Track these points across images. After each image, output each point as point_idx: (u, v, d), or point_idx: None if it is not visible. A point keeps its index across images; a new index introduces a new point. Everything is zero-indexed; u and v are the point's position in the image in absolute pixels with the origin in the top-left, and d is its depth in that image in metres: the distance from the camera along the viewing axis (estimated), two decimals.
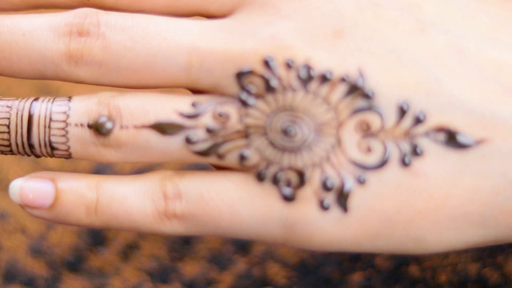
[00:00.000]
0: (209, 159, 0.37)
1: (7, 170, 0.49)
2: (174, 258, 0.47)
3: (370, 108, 0.36)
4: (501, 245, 0.46)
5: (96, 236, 0.47)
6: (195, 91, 0.38)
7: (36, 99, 0.38)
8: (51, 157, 0.38)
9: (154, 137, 0.37)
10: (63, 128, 0.37)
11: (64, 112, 0.38)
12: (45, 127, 0.38)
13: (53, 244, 0.47)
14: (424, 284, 0.46)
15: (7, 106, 0.38)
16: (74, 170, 0.48)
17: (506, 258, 0.46)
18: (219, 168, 0.38)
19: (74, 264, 0.47)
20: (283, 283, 0.46)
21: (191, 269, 0.47)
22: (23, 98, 0.38)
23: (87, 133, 0.37)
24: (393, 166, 0.36)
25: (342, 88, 0.36)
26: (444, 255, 0.46)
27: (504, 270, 0.46)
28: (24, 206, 0.38)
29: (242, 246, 0.47)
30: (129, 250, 0.47)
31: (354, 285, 0.46)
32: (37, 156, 0.39)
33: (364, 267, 0.46)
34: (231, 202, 0.37)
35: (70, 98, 0.38)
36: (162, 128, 0.37)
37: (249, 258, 0.47)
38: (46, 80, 0.39)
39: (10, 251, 0.47)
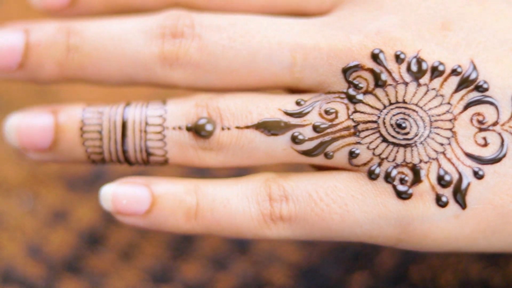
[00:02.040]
0: (316, 159, 0.36)
1: (6, 172, 0.49)
2: (174, 257, 0.47)
3: (484, 100, 0.35)
4: None
5: (96, 236, 0.47)
6: (296, 91, 0.37)
7: (128, 105, 0.37)
8: (145, 164, 0.37)
9: (258, 138, 0.36)
10: (159, 132, 0.36)
11: (161, 116, 0.36)
12: (140, 131, 0.36)
13: (52, 245, 0.47)
14: (424, 285, 0.46)
15: (98, 112, 0.37)
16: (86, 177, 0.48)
17: (508, 259, 0.45)
18: (323, 169, 0.37)
19: (73, 264, 0.47)
20: (283, 282, 0.46)
21: (191, 268, 0.47)
22: (113, 104, 0.37)
23: (186, 136, 0.36)
24: (511, 158, 0.35)
25: (454, 81, 0.35)
26: (445, 255, 0.46)
27: (506, 271, 0.45)
28: (116, 214, 0.37)
29: (242, 245, 0.47)
30: (129, 250, 0.47)
31: (355, 285, 0.46)
32: (130, 164, 0.37)
33: (364, 267, 0.46)
34: (343, 202, 0.36)
35: (164, 101, 0.37)
36: (267, 128, 0.36)
37: (249, 257, 0.47)
38: (44, 84, 0.39)
39: (8, 252, 0.47)
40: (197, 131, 0.36)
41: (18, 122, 0.38)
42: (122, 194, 0.37)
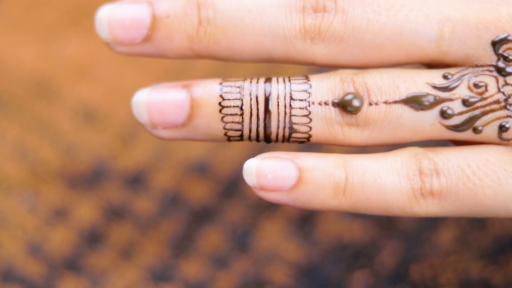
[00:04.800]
0: (464, 134, 0.35)
1: (6, 170, 0.49)
2: (174, 255, 0.47)
3: None
4: (503, 245, 0.46)
5: (96, 234, 0.47)
6: (439, 66, 0.36)
7: (268, 80, 0.36)
8: (286, 141, 0.36)
9: (406, 113, 0.35)
10: (305, 108, 0.35)
11: (306, 91, 0.36)
12: (285, 106, 0.35)
13: (52, 243, 0.47)
14: (425, 284, 0.46)
15: (237, 87, 0.36)
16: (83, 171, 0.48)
17: (509, 258, 0.45)
18: (463, 144, 0.36)
19: (74, 263, 0.47)
20: (284, 281, 0.46)
21: (191, 266, 0.47)
22: (252, 79, 0.36)
23: (332, 112, 0.35)
24: None
25: None
26: (446, 254, 0.46)
27: (507, 270, 0.45)
28: (259, 189, 0.35)
29: (243, 244, 0.47)
30: (129, 248, 0.47)
31: (355, 283, 0.46)
32: (268, 142, 0.36)
33: (365, 266, 0.46)
34: (496, 176, 0.35)
35: (307, 77, 0.36)
36: (417, 102, 0.35)
37: (249, 255, 0.47)
38: (47, 78, 0.39)
39: (8, 251, 0.47)
40: (344, 106, 0.35)
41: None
42: (267, 168, 0.35)
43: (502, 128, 0.35)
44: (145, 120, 0.36)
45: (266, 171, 0.35)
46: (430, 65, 0.37)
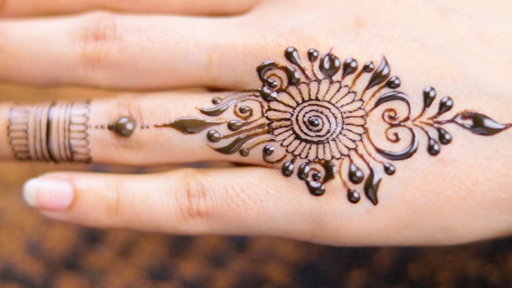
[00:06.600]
0: (232, 156, 0.37)
1: (5, 169, 0.49)
2: (172, 255, 0.47)
3: (396, 96, 0.35)
4: (500, 244, 0.46)
5: (95, 234, 0.47)
6: (215, 89, 0.37)
7: (53, 105, 0.38)
8: (70, 161, 0.38)
9: (175, 136, 0.36)
10: (83, 131, 0.37)
11: (84, 115, 0.37)
12: (64, 130, 0.37)
13: (51, 242, 0.47)
14: (423, 283, 0.46)
15: (25, 112, 0.38)
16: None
17: (506, 256, 0.45)
18: (241, 165, 0.37)
19: (72, 262, 0.47)
20: (281, 280, 0.46)
21: (189, 266, 0.47)
22: (40, 104, 0.38)
23: (108, 135, 0.37)
24: (422, 154, 0.35)
25: (367, 77, 0.35)
26: (444, 253, 0.46)
27: (504, 269, 0.45)
28: (40, 208, 0.38)
29: (240, 243, 0.47)
30: (127, 247, 0.47)
31: (353, 282, 0.46)
32: (56, 162, 0.38)
33: (363, 265, 0.46)
34: (258, 198, 0.36)
35: (89, 101, 0.38)
36: (184, 126, 0.36)
37: (247, 255, 0.47)
38: None
39: (7, 249, 0.47)
40: (118, 129, 0.37)
41: None
42: (45, 190, 0.37)
43: (266, 151, 0.36)
44: None
45: (44, 192, 0.37)
46: (210, 88, 0.38)
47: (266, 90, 0.36)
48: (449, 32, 0.36)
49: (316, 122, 0.36)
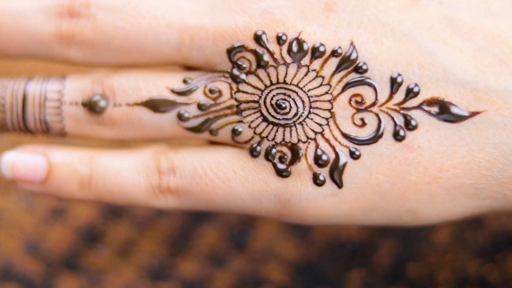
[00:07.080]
0: (202, 135, 0.37)
1: None
2: (171, 254, 0.47)
3: (363, 81, 0.36)
4: (499, 243, 0.46)
5: (94, 233, 0.47)
6: (188, 68, 0.38)
7: (31, 79, 0.38)
8: (47, 134, 0.39)
9: (146, 114, 0.37)
10: (57, 107, 0.38)
11: (59, 91, 0.38)
12: (40, 106, 0.38)
13: (50, 242, 0.47)
14: (422, 282, 0.46)
15: (3, 86, 0.39)
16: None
17: (505, 256, 0.45)
18: (214, 143, 0.38)
19: (71, 261, 0.47)
20: (280, 280, 0.46)
21: (188, 265, 0.47)
22: (17, 78, 0.39)
23: (81, 112, 0.38)
24: (387, 139, 0.36)
25: (334, 62, 0.36)
26: (443, 253, 0.46)
27: (503, 268, 0.45)
28: (16, 180, 0.38)
29: (240, 242, 0.47)
30: (127, 247, 0.47)
31: (352, 282, 0.46)
32: (33, 134, 0.39)
33: (362, 264, 0.46)
34: (226, 178, 0.37)
35: (64, 77, 0.38)
36: (154, 105, 0.37)
37: (246, 254, 0.47)
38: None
39: (6, 249, 0.47)
40: (91, 107, 0.37)
41: None
42: (20, 163, 0.38)
43: (235, 132, 0.37)
44: None
45: (20, 165, 0.38)
46: (183, 66, 0.38)
47: (235, 72, 0.36)
48: (418, 18, 0.36)
49: (283, 105, 0.36)
